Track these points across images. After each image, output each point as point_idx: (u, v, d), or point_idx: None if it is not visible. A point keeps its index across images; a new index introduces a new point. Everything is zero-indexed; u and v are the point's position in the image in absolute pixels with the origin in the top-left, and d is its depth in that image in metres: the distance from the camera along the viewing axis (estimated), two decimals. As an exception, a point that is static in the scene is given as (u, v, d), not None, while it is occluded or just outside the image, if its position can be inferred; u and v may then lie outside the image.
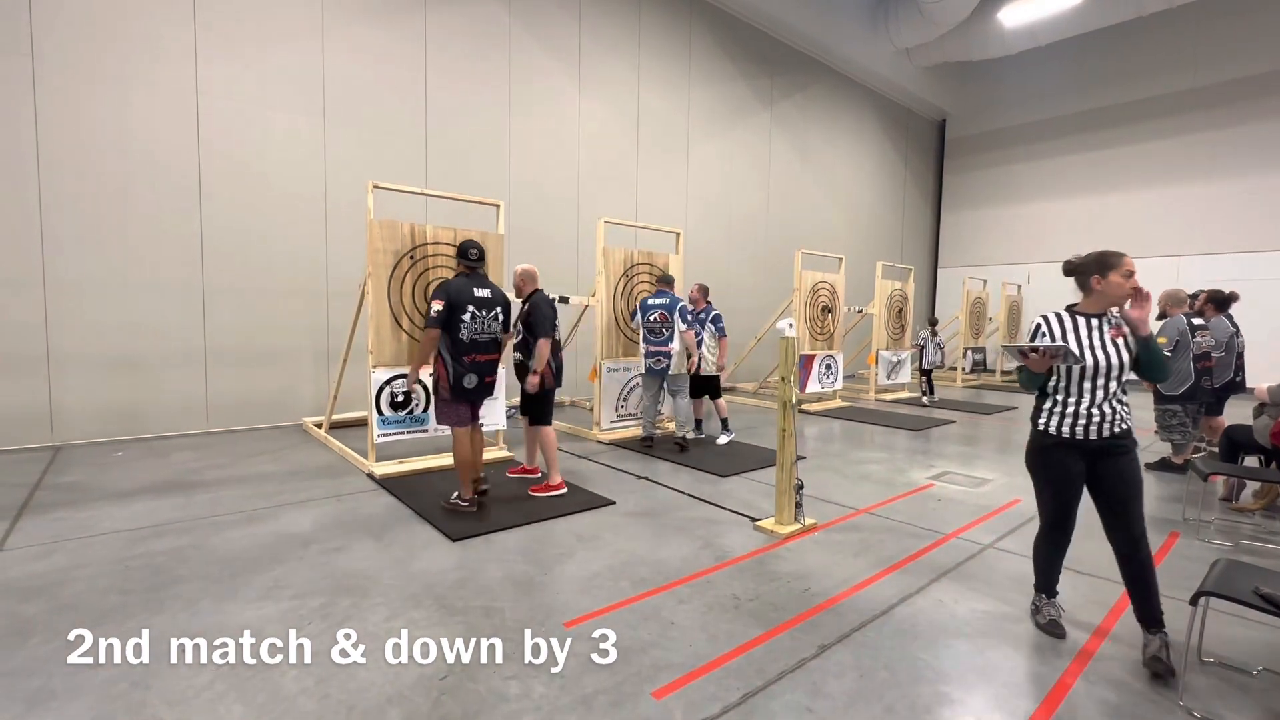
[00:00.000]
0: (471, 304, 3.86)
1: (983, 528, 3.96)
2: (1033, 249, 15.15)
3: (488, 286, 4.00)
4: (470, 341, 3.87)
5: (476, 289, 3.92)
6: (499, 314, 4.04)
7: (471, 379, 3.89)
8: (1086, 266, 2.46)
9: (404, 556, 3.27)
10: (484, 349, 3.96)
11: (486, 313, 3.94)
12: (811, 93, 12.83)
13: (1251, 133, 12.07)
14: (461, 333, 3.83)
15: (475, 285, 3.94)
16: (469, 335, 3.86)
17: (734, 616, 2.70)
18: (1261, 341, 11.14)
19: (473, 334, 3.87)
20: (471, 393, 3.92)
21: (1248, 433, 4.55)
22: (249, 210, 6.47)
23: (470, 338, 3.87)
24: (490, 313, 3.96)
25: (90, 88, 5.64)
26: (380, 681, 2.17)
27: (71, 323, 5.65)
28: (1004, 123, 15.52)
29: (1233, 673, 2.36)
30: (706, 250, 10.86)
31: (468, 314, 3.84)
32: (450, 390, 3.87)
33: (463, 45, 7.86)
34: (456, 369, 3.84)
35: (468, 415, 4.00)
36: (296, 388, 6.88)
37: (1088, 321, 2.45)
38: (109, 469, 4.87)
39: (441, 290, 3.85)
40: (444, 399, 3.92)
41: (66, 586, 2.84)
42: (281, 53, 6.57)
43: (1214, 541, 3.81)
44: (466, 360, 3.86)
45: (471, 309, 3.86)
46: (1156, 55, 13.03)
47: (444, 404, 3.94)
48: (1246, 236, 12.02)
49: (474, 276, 3.99)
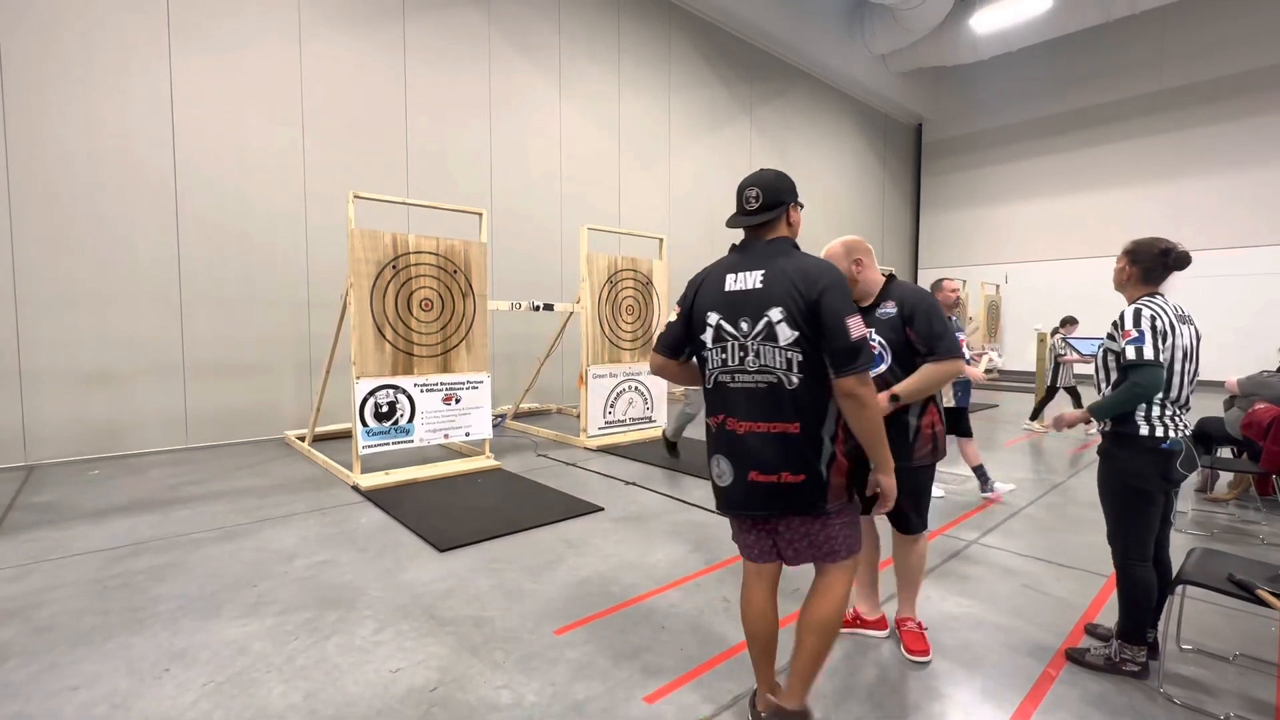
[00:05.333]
0: (718, 310, 1.85)
1: (967, 524, 4.01)
2: (1010, 249, 15.46)
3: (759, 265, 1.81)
4: (715, 385, 1.88)
5: (733, 275, 1.85)
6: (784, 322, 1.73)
7: (722, 468, 1.87)
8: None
9: (391, 568, 3.24)
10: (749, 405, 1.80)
11: (750, 324, 1.78)
12: (790, 98, 12.99)
13: (1217, 133, 12.45)
14: (708, 372, 1.90)
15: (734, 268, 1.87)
16: (713, 373, 1.88)
17: (725, 619, 2.71)
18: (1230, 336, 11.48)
19: (721, 370, 1.86)
20: (724, 491, 1.89)
21: (1220, 425, 4.67)
22: (226, 220, 6.39)
23: (713, 379, 1.88)
24: (759, 323, 1.77)
25: (59, 97, 5.54)
26: (369, 695, 2.15)
27: (43, 338, 5.52)
28: (979, 126, 15.84)
29: (1211, 659, 2.41)
30: (690, 256, 10.92)
31: (709, 329, 1.86)
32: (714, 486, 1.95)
33: (442, 53, 7.85)
34: (707, 439, 1.97)
35: (740, 535, 1.97)
36: (278, 400, 6.79)
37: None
38: (85, 488, 4.76)
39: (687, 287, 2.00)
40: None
41: (43, 608, 2.77)
42: (258, 61, 6.51)
43: (1190, 531, 3.90)
44: (714, 425, 1.91)
45: (718, 318, 1.85)
46: (1125, 59, 13.40)
47: None
48: (1215, 234, 12.37)
49: (749, 248, 1.89)
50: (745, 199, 1.88)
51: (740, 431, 1.80)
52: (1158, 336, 2.19)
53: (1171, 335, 2.21)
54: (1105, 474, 2.36)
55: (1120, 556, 2.32)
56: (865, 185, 15.48)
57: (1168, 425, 2.22)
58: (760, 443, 1.77)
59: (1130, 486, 2.26)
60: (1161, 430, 2.22)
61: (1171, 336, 2.21)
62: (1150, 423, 2.23)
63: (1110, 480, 2.34)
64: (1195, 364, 2.29)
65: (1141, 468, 2.24)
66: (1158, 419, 2.23)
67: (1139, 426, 2.24)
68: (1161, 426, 2.22)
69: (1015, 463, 5.87)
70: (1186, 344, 2.26)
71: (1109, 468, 2.34)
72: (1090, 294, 11.41)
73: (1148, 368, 2.16)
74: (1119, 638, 2.31)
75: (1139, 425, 2.24)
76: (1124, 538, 2.30)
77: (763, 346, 1.75)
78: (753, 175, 1.90)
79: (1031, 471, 5.57)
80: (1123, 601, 2.32)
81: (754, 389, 1.77)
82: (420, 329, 5.07)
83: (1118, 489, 2.31)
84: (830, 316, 1.67)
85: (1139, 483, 2.25)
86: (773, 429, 1.75)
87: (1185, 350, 2.25)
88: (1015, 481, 5.01)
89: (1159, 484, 2.24)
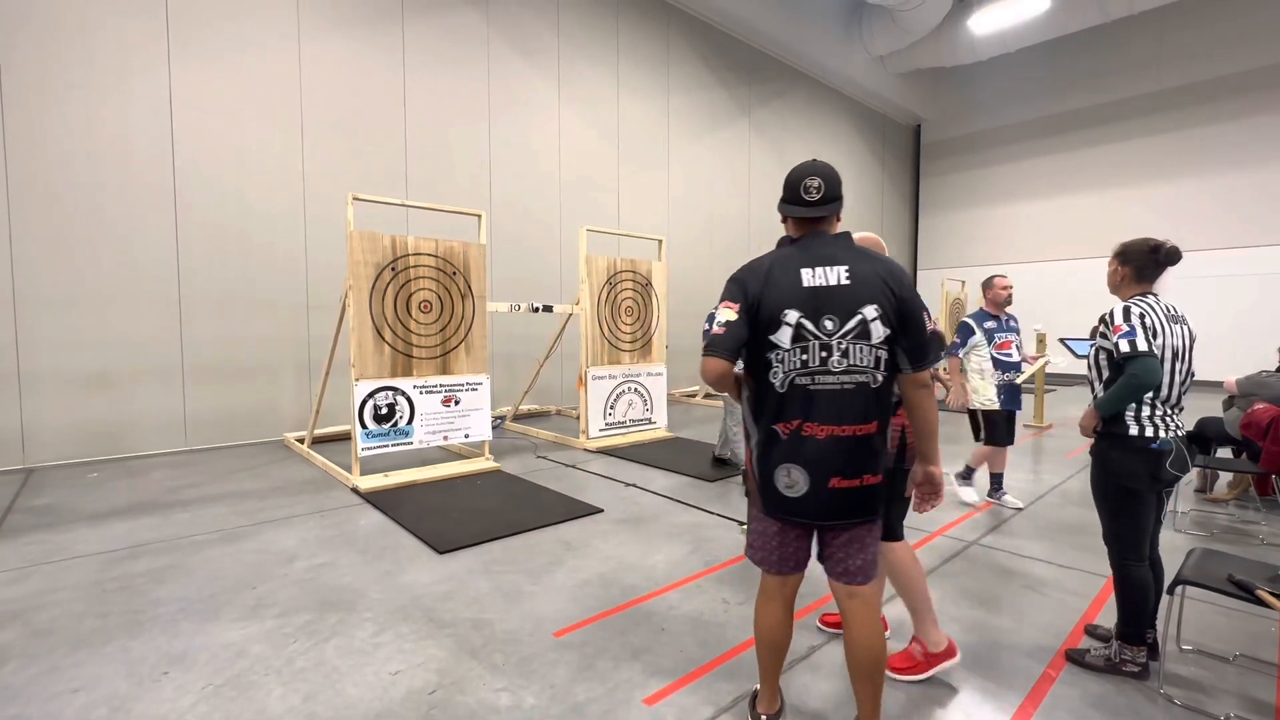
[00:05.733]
0: (797, 307, 1.72)
1: (966, 525, 4.01)
2: (1008, 249, 15.47)
3: (840, 261, 1.75)
4: (790, 389, 1.73)
5: (809, 270, 1.74)
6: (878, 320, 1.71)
7: (794, 477, 1.74)
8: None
9: (391, 570, 3.24)
10: (832, 408, 1.71)
11: (836, 322, 1.71)
12: (789, 99, 13.00)
13: (1215, 133, 12.46)
14: (774, 372, 1.74)
15: (807, 262, 1.75)
16: (789, 375, 1.72)
17: (724, 620, 2.71)
18: (1228, 335, 11.49)
19: (799, 372, 1.72)
20: (793, 503, 1.76)
21: (1219, 425, 4.67)
22: (226, 222, 6.39)
23: (788, 382, 1.73)
24: (850, 321, 1.71)
25: (59, 98, 5.54)
26: (368, 697, 2.15)
27: (42, 340, 5.52)
28: (978, 127, 15.85)
29: (1211, 660, 2.41)
30: (689, 257, 10.93)
31: (785, 329, 1.72)
32: (759, 488, 1.84)
33: (441, 55, 7.85)
34: (764, 448, 1.79)
35: (780, 549, 1.86)
36: (277, 402, 6.78)
37: None
38: (84, 491, 4.76)
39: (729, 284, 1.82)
40: (756, 511, 1.91)
41: (42, 611, 2.77)
42: (257, 63, 6.51)
43: (1189, 532, 3.90)
44: (784, 432, 1.74)
45: (797, 316, 1.72)
46: (1122, 60, 13.42)
47: (753, 512, 1.93)
48: (1213, 234, 12.38)
49: (814, 242, 1.80)
50: (806, 189, 1.80)
51: (821, 436, 1.70)
52: (1147, 330, 2.21)
53: (1161, 334, 2.22)
54: (1097, 474, 2.38)
55: (1116, 556, 2.32)
56: (864, 186, 15.49)
57: (1158, 425, 2.23)
58: (842, 447, 1.70)
59: (1121, 487, 2.28)
60: (1151, 430, 2.23)
61: (1161, 335, 2.22)
62: (1140, 423, 2.24)
63: (1102, 481, 2.35)
64: (1186, 364, 2.29)
65: (1132, 467, 2.25)
66: (1148, 419, 2.24)
67: (1129, 426, 2.25)
68: (1152, 427, 2.23)
69: (1015, 463, 5.87)
70: (1177, 344, 2.26)
71: (1101, 468, 2.35)
72: (1089, 295, 11.42)
73: (1142, 358, 2.18)
74: (1118, 638, 2.31)
75: (1129, 425, 2.25)
76: (1118, 538, 2.31)
77: (853, 345, 1.69)
78: (808, 165, 1.85)
79: (1031, 472, 5.57)
80: (1120, 601, 2.32)
81: (839, 390, 1.70)
82: (419, 331, 5.07)
83: (1109, 489, 2.32)
84: (915, 312, 1.73)
85: (1130, 482, 2.26)
86: (857, 431, 1.70)
87: (1176, 350, 2.26)
88: (1014, 482, 5.01)
89: (1149, 484, 2.25)
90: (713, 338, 1.74)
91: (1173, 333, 2.25)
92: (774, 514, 1.81)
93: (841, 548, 1.81)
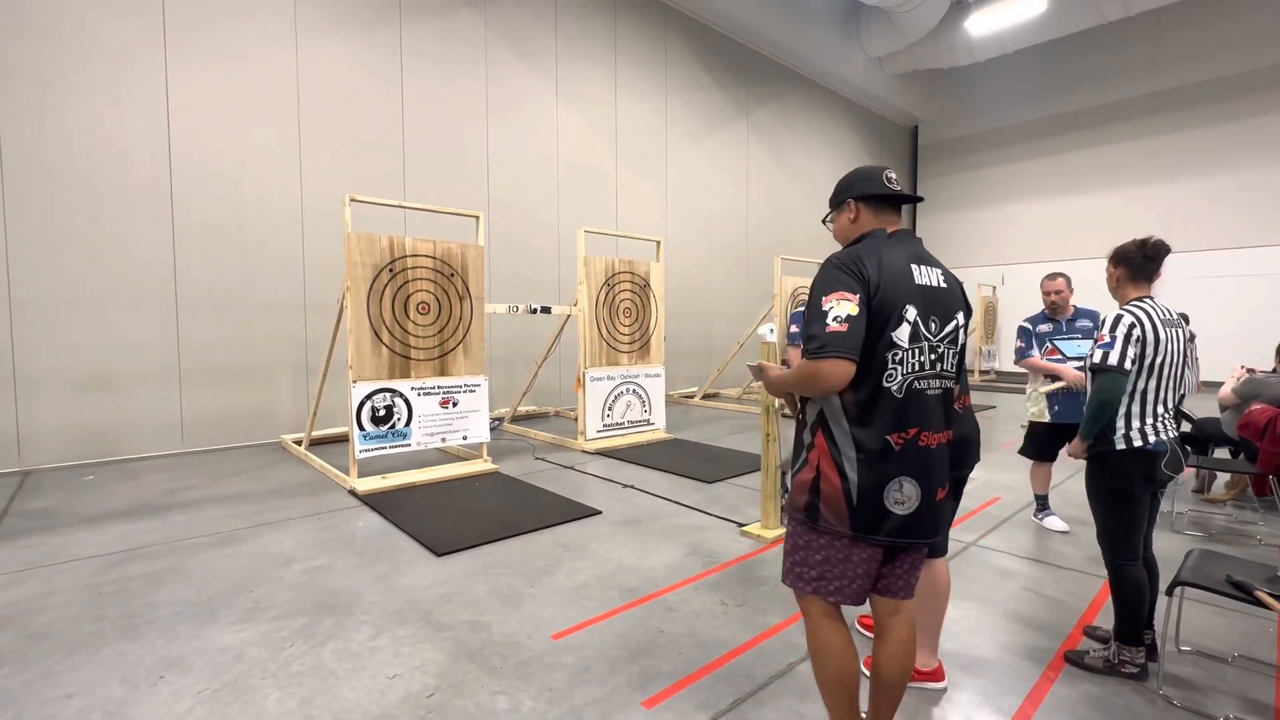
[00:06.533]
0: (915, 304, 1.60)
1: (964, 526, 4.01)
2: (1006, 250, 15.50)
3: (934, 263, 1.70)
4: (907, 393, 1.59)
5: (917, 267, 1.65)
6: (963, 327, 1.71)
7: (907, 492, 1.57)
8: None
9: (388, 573, 3.22)
10: (938, 414, 1.64)
11: (938, 325, 1.63)
12: (787, 101, 13.01)
13: (1213, 134, 12.49)
14: (890, 374, 1.57)
15: (914, 259, 1.66)
16: (907, 379, 1.59)
17: (723, 622, 2.70)
18: (1228, 335, 11.51)
19: (917, 375, 1.60)
20: (903, 520, 1.58)
21: (1216, 425, 4.68)
22: (223, 223, 6.37)
23: (906, 386, 1.59)
24: (948, 325, 1.65)
25: (56, 99, 5.52)
26: (366, 701, 2.14)
27: (39, 342, 5.50)
28: (975, 128, 15.87)
29: (1210, 661, 2.41)
30: (687, 258, 10.93)
31: (905, 325, 1.58)
32: (847, 508, 1.58)
33: (439, 56, 7.85)
34: (871, 462, 1.57)
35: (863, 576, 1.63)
36: (275, 404, 6.76)
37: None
38: (80, 493, 4.74)
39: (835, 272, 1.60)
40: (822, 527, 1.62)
41: (38, 615, 2.75)
42: (254, 64, 6.50)
43: (1187, 532, 3.91)
44: (897, 442, 1.57)
45: (915, 314, 1.59)
46: (1119, 61, 13.44)
47: (814, 537, 1.65)
48: (1212, 235, 12.40)
49: (907, 239, 1.71)
50: (888, 178, 1.73)
51: (934, 445, 1.61)
52: (1129, 344, 2.22)
53: (1154, 343, 2.23)
54: (1091, 475, 2.39)
55: (1110, 556, 2.33)
56: (862, 187, 15.49)
57: (1146, 434, 2.25)
58: (943, 456, 1.66)
59: (1115, 487, 2.29)
60: (1140, 441, 2.25)
61: (1154, 344, 2.23)
62: (1129, 439, 2.26)
63: (1096, 481, 2.36)
64: (1181, 368, 2.30)
65: (1126, 468, 2.26)
66: (1137, 431, 2.26)
67: (1116, 444, 2.27)
68: (1140, 438, 2.25)
69: (1015, 463, 5.87)
70: (1174, 348, 2.27)
71: (1095, 469, 2.37)
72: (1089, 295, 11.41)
73: (1109, 373, 2.22)
74: (1116, 639, 2.31)
75: (1117, 443, 2.27)
76: (1112, 538, 2.32)
77: (948, 350, 1.65)
78: (875, 165, 1.87)
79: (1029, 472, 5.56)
80: (1116, 602, 2.32)
81: (938, 395, 1.65)
82: (417, 332, 5.06)
83: (1103, 490, 2.33)
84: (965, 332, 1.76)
85: (1124, 483, 2.27)
86: (947, 439, 1.68)
87: (1172, 355, 2.26)
88: (1014, 481, 5.01)
89: (1143, 485, 2.27)
90: (832, 335, 1.51)
91: (1168, 337, 2.26)
92: (871, 536, 1.57)
93: (907, 562, 1.69)
